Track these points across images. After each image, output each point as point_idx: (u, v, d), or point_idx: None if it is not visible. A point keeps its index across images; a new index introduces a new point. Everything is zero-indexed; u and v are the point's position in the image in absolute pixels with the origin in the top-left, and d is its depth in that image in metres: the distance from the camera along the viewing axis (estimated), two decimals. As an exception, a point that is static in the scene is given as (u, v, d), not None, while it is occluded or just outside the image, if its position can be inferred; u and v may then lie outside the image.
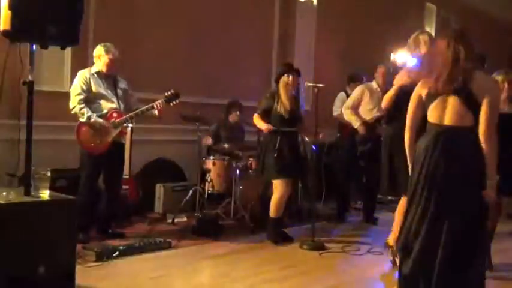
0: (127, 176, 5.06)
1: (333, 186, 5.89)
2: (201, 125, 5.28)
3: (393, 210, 4.23)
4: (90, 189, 4.28)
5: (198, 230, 4.74)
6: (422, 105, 2.91)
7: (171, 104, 4.46)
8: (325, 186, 5.82)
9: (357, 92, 5.53)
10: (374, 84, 5.59)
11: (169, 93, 4.45)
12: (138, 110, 4.40)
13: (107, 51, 4.29)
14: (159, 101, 4.41)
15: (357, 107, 5.51)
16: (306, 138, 5.35)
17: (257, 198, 5.20)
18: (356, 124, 5.45)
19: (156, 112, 4.43)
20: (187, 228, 4.86)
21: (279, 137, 4.55)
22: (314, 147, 5.29)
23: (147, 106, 4.40)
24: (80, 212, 3.83)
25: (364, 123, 5.44)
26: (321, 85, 4.83)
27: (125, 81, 4.52)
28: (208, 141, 5.61)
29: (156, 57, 5.74)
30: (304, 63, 7.19)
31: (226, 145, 5.43)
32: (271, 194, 4.70)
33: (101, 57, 4.30)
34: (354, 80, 5.95)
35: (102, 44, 4.33)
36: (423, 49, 3.69)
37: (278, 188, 4.57)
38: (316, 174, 5.42)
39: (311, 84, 5.00)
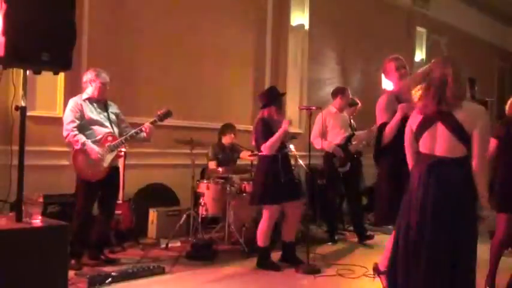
0: (120, 201, 5.04)
1: (325, 209, 5.92)
2: (195, 149, 5.27)
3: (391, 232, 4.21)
4: (84, 216, 4.24)
5: (192, 255, 4.71)
6: (415, 138, 2.96)
7: (164, 121, 4.49)
8: (318, 209, 5.82)
9: (318, 119, 5.67)
10: (332, 108, 5.84)
11: (161, 111, 4.48)
12: (132, 132, 4.41)
13: (98, 75, 4.31)
14: (147, 124, 4.42)
15: (324, 133, 5.68)
16: (301, 162, 5.37)
17: (251, 222, 5.17)
18: (330, 148, 5.62)
19: (144, 134, 4.44)
20: (181, 253, 4.82)
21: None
22: (308, 170, 5.29)
23: (136, 129, 4.42)
24: (73, 238, 3.80)
25: (338, 145, 5.63)
26: (313, 108, 4.87)
27: (116, 106, 4.53)
28: (213, 165, 5.61)
29: (150, 82, 5.78)
30: (296, 86, 7.27)
31: (220, 169, 5.42)
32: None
33: (92, 82, 4.31)
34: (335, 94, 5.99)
35: (92, 69, 4.36)
36: (392, 74, 3.75)
37: (267, 213, 4.54)
38: (309, 197, 5.43)
39: (304, 108, 5.04)
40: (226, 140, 5.79)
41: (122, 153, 4.51)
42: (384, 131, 3.55)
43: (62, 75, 4.83)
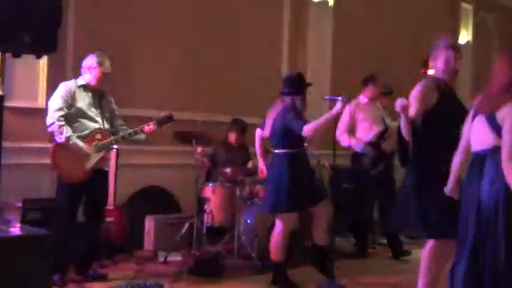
0: (111, 207, 5.07)
1: (354, 217, 5.89)
2: (199, 146, 5.28)
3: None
4: (67, 223, 4.26)
5: (195, 271, 4.71)
6: None
7: (163, 127, 4.52)
8: (345, 218, 5.80)
9: (346, 112, 5.62)
10: (362, 98, 5.83)
11: (161, 115, 4.51)
12: (125, 133, 4.42)
13: (101, 63, 4.32)
14: (150, 125, 4.44)
15: (353, 127, 5.66)
16: (324, 162, 5.35)
17: (265, 232, 5.16)
18: (359, 147, 5.61)
19: (142, 137, 4.46)
20: (183, 268, 4.83)
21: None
22: (333, 172, 5.28)
23: (135, 129, 4.43)
24: (55, 249, 3.82)
25: (369, 143, 5.59)
26: (340, 98, 4.84)
27: (112, 100, 4.55)
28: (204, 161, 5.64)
29: (147, 69, 5.80)
30: (319, 73, 7.23)
31: (227, 169, 5.43)
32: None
33: (92, 69, 4.33)
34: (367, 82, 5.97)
35: (96, 54, 4.37)
36: (443, 59, 3.72)
37: (281, 222, 4.53)
38: (334, 204, 5.40)
39: (328, 98, 5.02)
40: (231, 138, 5.80)
41: (110, 156, 4.52)
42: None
43: (45, 59, 4.86)
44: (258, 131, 4.84)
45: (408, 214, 3.65)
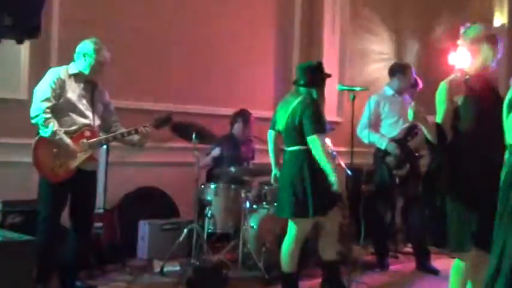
0: (101, 210, 5.09)
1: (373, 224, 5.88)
2: (199, 141, 5.29)
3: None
4: (51, 227, 4.27)
5: (195, 282, 4.72)
6: None
7: (161, 128, 4.56)
8: (364, 225, 5.78)
9: (370, 105, 5.66)
10: (388, 89, 5.79)
11: (159, 116, 4.52)
12: (117, 133, 4.43)
13: (98, 51, 4.31)
14: (146, 126, 4.44)
15: (377, 123, 5.64)
16: (341, 162, 5.34)
17: (274, 240, 5.17)
18: (383, 144, 5.57)
19: (135, 138, 4.47)
20: (181, 279, 4.84)
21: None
22: (350, 172, 5.28)
23: (129, 129, 4.44)
24: (38, 257, 3.84)
25: (394, 140, 5.58)
26: (358, 89, 4.83)
27: (106, 93, 4.56)
28: (205, 162, 5.64)
29: (142, 57, 5.83)
30: (335, 60, 7.23)
31: (232, 168, 5.43)
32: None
33: (86, 56, 4.33)
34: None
35: (93, 40, 4.35)
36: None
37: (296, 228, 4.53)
38: (352, 209, 5.39)
39: (345, 88, 5.01)
40: (236, 132, 5.83)
41: (98, 156, 4.54)
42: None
43: (27, 45, 4.87)
44: (271, 134, 4.63)
45: (442, 224, 3.61)
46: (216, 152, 5.71)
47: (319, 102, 4.46)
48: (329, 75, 4.61)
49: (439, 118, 3.56)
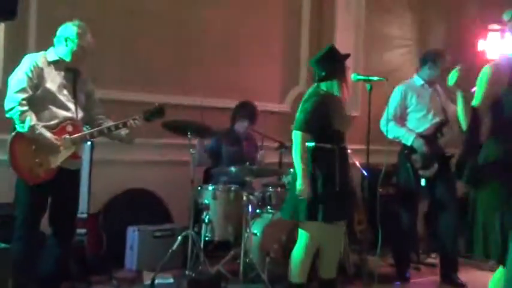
0: (84, 215, 5.09)
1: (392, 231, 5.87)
2: (195, 139, 5.28)
3: (491, 269, 4.17)
4: (29, 233, 4.27)
5: (190, 297, 4.74)
6: None
7: (152, 121, 4.57)
8: (382, 232, 5.78)
9: (396, 94, 5.66)
10: (417, 79, 5.79)
11: (149, 108, 4.51)
12: (103, 126, 4.42)
13: (81, 36, 4.29)
14: (135, 119, 4.44)
15: (403, 116, 5.63)
16: (357, 163, 5.34)
17: (280, 249, 5.17)
18: (409, 140, 5.55)
19: (123, 133, 4.46)
20: (175, 293, 4.85)
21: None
22: (366, 173, 5.28)
23: (117, 122, 4.43)
24: (14, 266, 3.84)
25: (422, 136, 5.56)
26: (375, 79, 4.82)
27: (89, 80, 4.55)
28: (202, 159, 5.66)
29: (131, 43, 5.83)
30: (349, 45, 7.21)
31: (233, 168, 5.43)
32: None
33: (68, 41, 4.31)
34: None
35: (76, 23, 4.32)
36: None
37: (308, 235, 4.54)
38: (369, 214, 5.40)
39: (361, 78, 5.00)
40: (238, 127, 5.83)
41: (81, 154, 4.53)
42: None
43: (1, 27, 4.87)
44: (303, 137, 4.47)
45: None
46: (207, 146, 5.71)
47: (332, 96, 4.50)
48: (345, 56, 4.63)
49: (476, 101, 3.56)
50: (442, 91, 5.80)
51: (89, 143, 4.90)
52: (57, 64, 4.32)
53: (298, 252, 4.53)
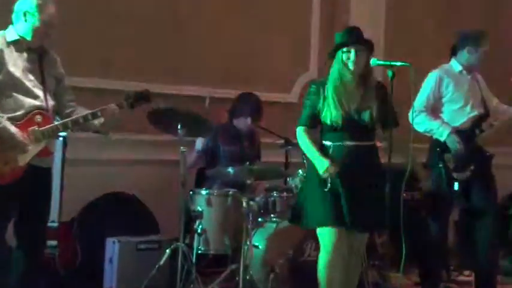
0: (55, 224, 5.08)
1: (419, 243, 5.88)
2: (187, 134, 5.28)
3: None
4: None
5: (180, 320, 4.76)
6: None
7: (136, 107, 4.53)
8: (406, 244, 5.79)
9: (428, 82, 5.64)
10: (455, 64, 5.74)
11: (133, 92, 4.50)
12: (79, 115, 4.40)
13: (42, 8, 4.26)
14: (111, 106, 4.42)
15: (437, 106, 5.61)
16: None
17: (286, 264, 5.18)
18: (443, 135, 5.52)
19: (97, 122, 4.44)
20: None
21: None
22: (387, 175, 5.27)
23: (94, 110, 4.40)
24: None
25: (458, 132, 5.54)
26: (398, 64, 4.81)
27: (58, 61, 4.54)
28: (192, 158, 5.65)
29: (112, 22, 5.84)
30: (368, 26, 7.20)
31: (230, 169, 5.43)
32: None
33: (28, 15, 4.27)
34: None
35: None
36: None
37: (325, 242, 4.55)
38: (391, 223, 5.39)
39: (381, 63, 5.00)
40: (239, 124, 5.83)
41: (54, 149, 4.52)
42: None
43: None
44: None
45: None
46: (199, 145, 5.69)
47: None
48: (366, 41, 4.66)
49: None
50: (482, 79, 5.79)
51: (60, 138, 4.89)
52: (18, 44, 4.30)
53: (318, 267, 4.53)
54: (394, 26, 7.52)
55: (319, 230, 4.53)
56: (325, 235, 4.49)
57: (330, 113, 4.47)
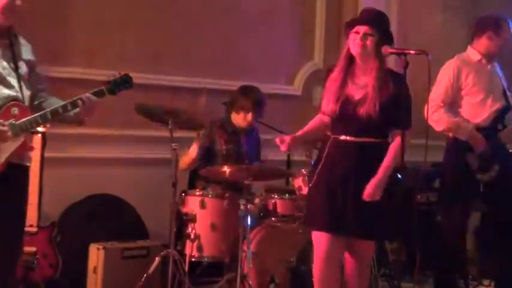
0: (34, 229, 5.08)
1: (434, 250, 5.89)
2: (179, 131, 5.28)
3: None
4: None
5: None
6: None
7: (117, 93, 4.50)
8: (420, 251, 5.80)
9: (446, 73, 5.61)
10: (473, 53, 5.71)
11: (112, 77, 4.48)
12: (58, 105, 4.38)
13: None
14: (87, 95, 4.40)
15: (455, 100, 5.59)
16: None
17: (287, 272, 5.18)
18: (464, 133, 5.50)
19: (77, 111, 4.42)
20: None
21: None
22: (399, 175, 5.27)
23: (74, 99, 4.38)
24: None
25: (479, 129, 5.53)
26: (412, 52, 4.81)
27: (29, 46, 4.52)
28: (190, 157, 5.64)
29: (96, 7, 5.84)
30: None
31: (226, 169, 5.42)
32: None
33: None
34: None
35: None
36: None
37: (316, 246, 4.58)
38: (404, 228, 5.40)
39: (394, 51, 5.00)
40: (238, 120, 5.82)
41: (32, 143, 4.50)
42: None
43: None
44: None
45: None
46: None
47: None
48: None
49: None
50: (500, 69, 5.79)
51: (39, 135, 4.88)
52: None
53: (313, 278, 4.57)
54: (406, 16, 7.52)
55: (313, 234, 4.58)
56: (318, 240, 4.54)
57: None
